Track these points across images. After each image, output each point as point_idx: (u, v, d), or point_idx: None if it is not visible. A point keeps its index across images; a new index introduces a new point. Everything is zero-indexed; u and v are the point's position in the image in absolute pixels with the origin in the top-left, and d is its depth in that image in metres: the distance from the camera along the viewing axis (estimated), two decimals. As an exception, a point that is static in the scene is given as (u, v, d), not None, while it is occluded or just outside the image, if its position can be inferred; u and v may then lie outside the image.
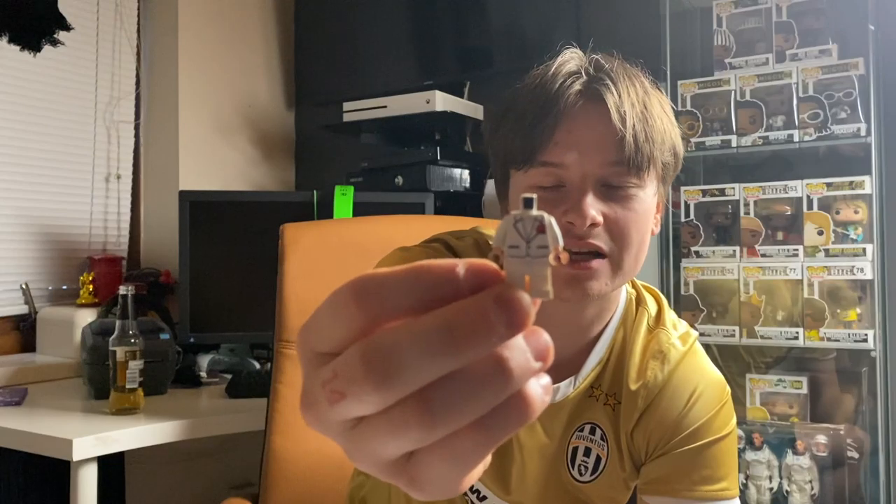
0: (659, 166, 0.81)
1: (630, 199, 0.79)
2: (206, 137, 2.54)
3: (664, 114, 0.81)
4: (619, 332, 0.90)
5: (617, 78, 0.79)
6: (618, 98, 0.77)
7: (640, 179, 0.79)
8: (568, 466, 0.89)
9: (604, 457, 0.88)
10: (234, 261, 2.00)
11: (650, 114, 0.79)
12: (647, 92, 0.81)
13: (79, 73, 2.32)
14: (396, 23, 2.52)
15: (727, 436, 0.86)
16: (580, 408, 0.88)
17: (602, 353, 0.89)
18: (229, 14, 2.63)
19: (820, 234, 1.78)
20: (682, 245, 1.94)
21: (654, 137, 0.78)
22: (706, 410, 0.86)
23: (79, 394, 1.79)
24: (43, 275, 2.25)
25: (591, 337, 0.89)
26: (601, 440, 0.88)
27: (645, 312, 0.91)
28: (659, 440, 0.86)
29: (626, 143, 0.77)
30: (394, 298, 0.29)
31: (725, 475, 0.85)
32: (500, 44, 2.36)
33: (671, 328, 0.90)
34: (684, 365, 0.87)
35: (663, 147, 0.80)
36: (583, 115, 0.78)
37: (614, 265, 0.79)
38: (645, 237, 0.82)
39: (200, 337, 1.97)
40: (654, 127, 0.78)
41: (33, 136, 2.21)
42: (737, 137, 1.88)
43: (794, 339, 1.79)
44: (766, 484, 1.81)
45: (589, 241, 0.77)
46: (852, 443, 1.80)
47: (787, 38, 1.87)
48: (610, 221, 0.78)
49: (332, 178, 2.26)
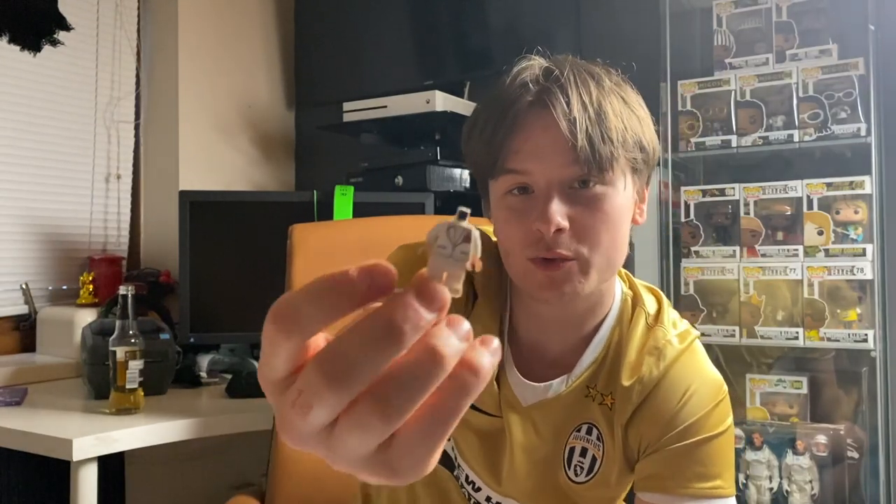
0: (623, 162, 0.81)
1: (597, 199, 0.80)
2: (206, 137, 2.54)
3: (626, 110, 0.81)
4: (615, 331, 0.90)
5: (567, 83, 0.80)
6: (565, 105, 0.78)
7: (604, 178, 0.80)
8: (564, 467, 0.89)
9: (599, 457, 0.88)
10: (234, 261, 2.00)
11: (605, 114, 0.79)
12: (605, 91, 0.81)
13: (79, 73, 2.32)
14: (396, 23, 2.52)
15: (722, 434, 0.86)
16: (577, 408, 0.88)
17: (597, 352, 0.89)
18: (229, 14, 2.63)
19: (820, 234, 1.78)
20: (682, 245, 1.94)
21: (611, 136, 0.78)
22: (700, 408, 0.85)
23: (79, 394, 1.79)
24: (43, 275, 2.25)
25: (583, 335, 0.89)
26: (597, 440, 0.88)
27: (642, 311, 0.91)
28: (652, 437, 0.86)
29: (580, 147, 0.77)
30: (307, 316, 0.33)
31: (719, 473, 0.85)
32: (500, 44, 2.36)
33: (670, 326, 0.90)
34: (680, 362, 0.87)
35: (624, 144, 0.80)
36: (538, 123, 0.80)
37: (584, 266, 0.81)
38: (618, 234, 0.82)
39: (200, 337, 1.97)
40: (611, 126, 0.78)
41: (33, 136, 2.21)
42: (737, 137, 1.88)
43: (794, 339, 1.79)
44: (766, 484, 1.81)
45: (556, 251, 0.79)
46: (852, 443, 1.80)
47: (787, 38, 1.87)
48: (577, 224, 0.79)
49: (332, 178, 2.26)
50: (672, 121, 1.95)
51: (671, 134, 1.95)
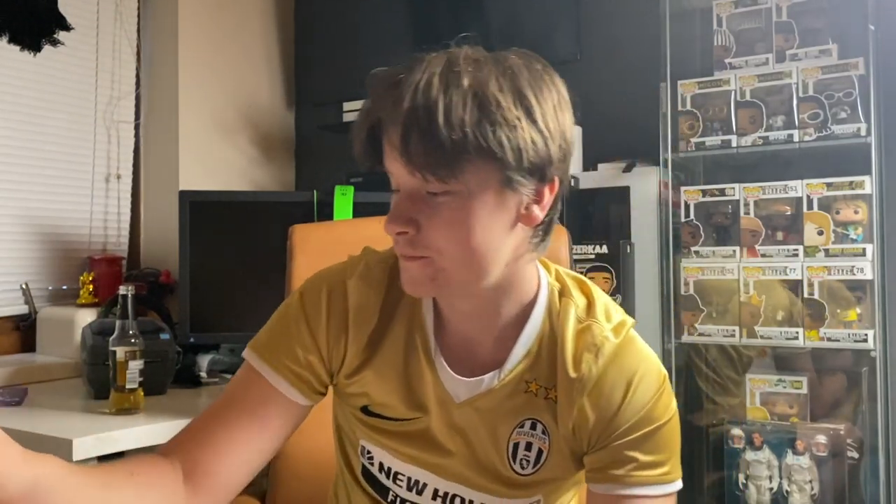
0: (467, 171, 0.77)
1: (446, 206, 0.79)
2: (206, 137, 2.54)
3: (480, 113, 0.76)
4: (545, 324, 0.89)
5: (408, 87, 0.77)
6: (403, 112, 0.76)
7: (453, 187, 0.78)
8: (509, 461, 0.89)
9: (545, 450, 0.89)
10: (234, 261, 2.00)
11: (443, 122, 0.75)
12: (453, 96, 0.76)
13: (79, 73, 2.32)
14: (396, 23, 2.52)
15: (667, 422, 0.86)
16: (517, 403, 0.88)
17: (529, 345, 0.89)
18: (229, 14, 2.63)
19: (820, 234, 1.78)
20: (682, 245, 1.94)
21: (445, 147, 0.75)
22: (644, 401, 0.85)
23: (79, 394, 1.79)
24: (43, 275, 2.25)
25: (504, 326, 0.89)
26: (542, 434, 0.89)
27: (571, 303, 0.90)
28: (600, 433, 0.86)
29: (409, 157, 0.77)
30: None
31: (666, 460, 0.85)
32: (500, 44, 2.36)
33: (603, 320, 0.89)
34: (619, 356, 0.87)
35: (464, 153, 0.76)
36: (389, 128, 0.80)
37: (437, 270, 0.81)
38: (472, 241, 0.80)
39: (200, 337, 1.97)
40: (445, 137, 0.75)
41: (33, 136, 2.21)
42: (737, 137, 1.89)
43: (794, 339, 1.79)
44: (766, 484, 1.81)
45: (406, 251, 0.82)
46: (852, 443, 1.80)
47: (787, 38, 1.87)
48: (426, 230, 0.80)
49: (332, 178, 2.26)
50: (672, 121, 1.95)
51: (671, 134, 1.95)
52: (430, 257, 0.81)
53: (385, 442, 0.93)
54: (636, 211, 1.96)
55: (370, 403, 0.92)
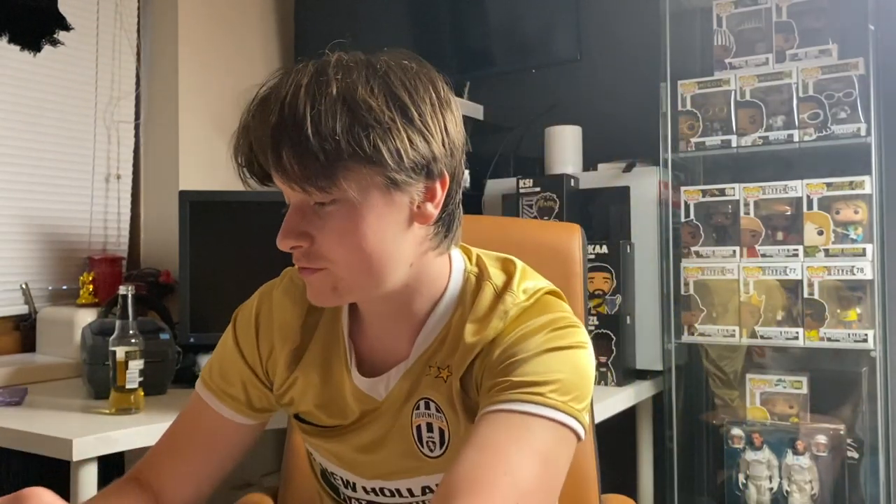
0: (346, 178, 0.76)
1: (334, 215, 0.79)
2: (206, 137, 2.54)
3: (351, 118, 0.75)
4: (456, 311, 0.88)
5: (276, 101, 0.77)
6: (272, 125, 0.76)
7: (337, 195, 0.77)
8: (417, 445, 0.89)
9: (445, 428, 0.88)
10: (234, 261, 2.00)
11: (312, 132, 0.74)
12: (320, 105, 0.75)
13: (79, 73, 2.32)
14: (396, 23, 2.52)
15: (558, 350, 0.81)
16: (412, 386, 0.89)
17: (436, 332, 0.88)
18: (229, 14, 2.63)
19: (820, 234, 1.78)
20: (682, 245, 1.94)
21: (316, 157, 0.74)
22: (535, 334, 0.82)
23: (79, 394, 1.79)
24: (43, 275, 2.25)
25: (418, 321, 0.89)
26: (437, 412, 0.88)
27: (488, 285, 0.89)
28: (487, 380, 0.83)
29: (284, 170, 0.77)
30: None
31: (548, 383, 0.78)
32: (500, 44, 2.36)
33: (520, 292, 0.87)
34: (524, 312, 0.85)
35: (338, 161, 0.75)
36: (264, 144, 0.79)
37: (334, 277, 0.82)
38: (366, 247, 0.79)
39: (200, 337, 1.97)
40: (315, 147, 0.74)
41: (33, 136, 2.21)
42: (737, 137, 1.89)
43: (794, 339, 1.79)
44: (766, 484, 1.81)
45: (302, 264, 0.82)
46: (852, 443, 1.80)
47: (787, 38, 1.87)
48: (319, 241, 0.80)
49: (332, 178, 2.26)
50: (672, 121, 1.95)
51: (671, 134, 1.95)
52: (327, 268, 0.81)
53: (320, 444, 0.95)
54: (636, 211, 1.96)
55: (298, 412, 0.95)
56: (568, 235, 0.93)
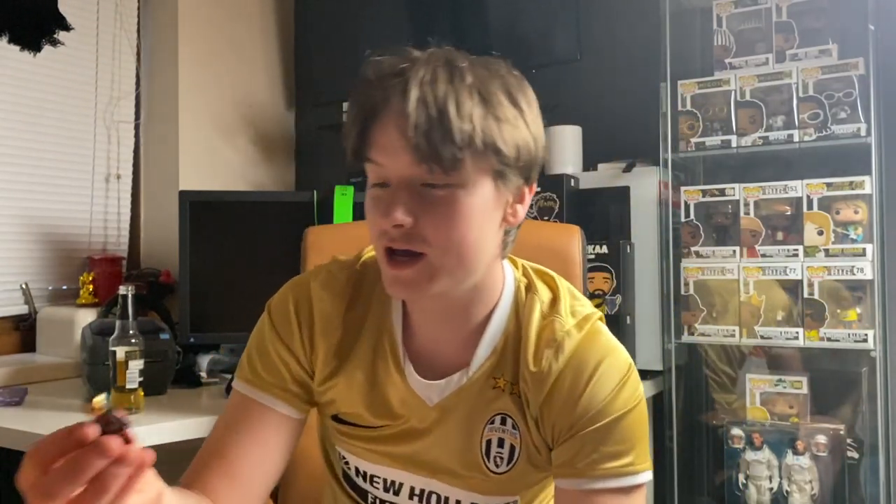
0: (475, 165, 0.78)
1: (444, 201, 0.79)
2: (206, 137, 2.54)
3: (483, 110, 0.78)
4: (510, 320, 0.90)
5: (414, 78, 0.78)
6: (411, 102, 0.77)
7: (453, 180, 0.78)
8: (483, 459, 0.89)
9: (517, 445, 0.88)
10: (234, 261, 2.00)
11: (448, 114, 0.76)
12: (458, 88, 0.78)
13: (79, 73, 2.32)
14: (396, 23, 2.51)
15: (631, 411, 0.85)
16: (486, 400, 0.88)
17: (495, 342, 0.89)
18: (229, 14, 2.63)
19: (820, 234, 1.78)
20: (682, 245, 1.94)
21: (453, 138, 0.76)
22: (607, 390, 0.85)
23: (79, 394, 1.79)
24: (43, 275, 2.25)
25: (475, 327, 0.89)
26: (513, 429, 0.88)
27: (536, 300, 0.90)
28: (564, 426, 0.85)
29: (416, 146, 0.76)
30: (43, 454, 0.61)
31: (630, 450, 0.84)
32: (500, 44, 2.36)
33: (567, 316, 0.89)
34: (580, 349, 0.87)
35: (472, 147, 0.77)
36: (390, 118, 0.79)
37: (431, 266, 0.80)
38: (469, 236, 0.80)
39: (200, 337, 1.97)
40: (453, 127, 0.76)
41: (33, 136, 2.21)
42: (737, 137, 1.89)
43: (794, 339, 1.79)
44: (766, 484, 1.81)
45: (400, 245, 0.80)
46: (852, 443, 1.80)
47: (787, 38, 1.87)
48: (422, 224, 0.79)
49: (332, 178, 2.26)
50: (672, 121, 1.95)
51: (671, 134, 1.95)
52: (425, 254, 0.80)
53: (359, 445, 0.94)
54: (636, 211, 1.96)
55: (339, 412, 0.94)
56: (567, 236, 0.94)
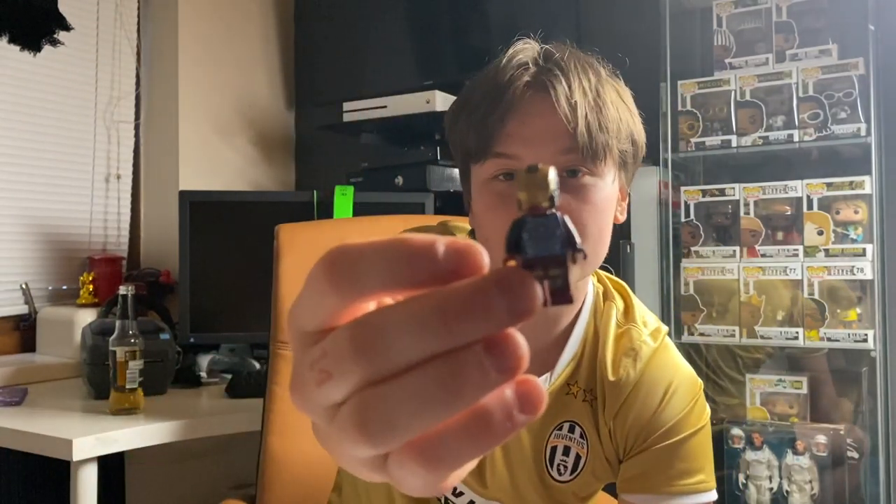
0: (616, 155, 0.80)
1: (586, 189, 0.79)
2: (206, 137, 2.54)
3: (621, 102, 0.81)
4: (589, 326, 0.90)
5: (568, 67, 0.79)
6: (567, 88, 0.77)
7: (596, 169, 0.79)
8: (546, 466, 0.88)
9: (584, 455, 0.88)
10: (234, 261, 2.00)
11: (604, 102, 0.78)
12: (602, 80, 0.81)
13: (79, 73, 2.32)
14: (396, 23, 2.51)
15: (701, 429, 0.86)
16: (557, 405, 0.88)
17: (576, 348, 0.89)
18: (229, 14, 2.63)
19: (820, 234, 1.78)
20: (682, 245, 1.94)
21: (608, 126, 0.77)
22: (681, 407, 0.86)
23: (79, 394, 1.79)
24: (43, 275, 2.25)
25: (560, 330, 0.89)
26: (581, 438, 0.88)
27: (613, 307, 0.91)
28: (636, 437, 0.86)
29: (579, 133, 0.76)
30: (368, 274, 0.28)
31: (701, 468, 0.85)
32: (500, 44, 2.35)
33: (641, 325, 0.90)
34: (656, 361, 0.87)
35: (619, 135, 0.79)
36: (534, 106, 0.78)
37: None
38: (604, 227, 0.82)
39: (200, 337, 1.97)
40: (609, 115, 0.78)
41: (33, 136, 2.21)
42: (737, 137, 1.88)
43: (794, 339, 1.79)
44: (766, 484, 1.81)
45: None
46: (852, 443, 1.80)
47: (787, 38, 1.87)
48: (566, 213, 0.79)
49: (332, 178, 2.26)
50: (672, 121, 1.95)
51: (671, 134, 1.95)
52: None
53: None
54: (636, 211, 1.96)
55: None
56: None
